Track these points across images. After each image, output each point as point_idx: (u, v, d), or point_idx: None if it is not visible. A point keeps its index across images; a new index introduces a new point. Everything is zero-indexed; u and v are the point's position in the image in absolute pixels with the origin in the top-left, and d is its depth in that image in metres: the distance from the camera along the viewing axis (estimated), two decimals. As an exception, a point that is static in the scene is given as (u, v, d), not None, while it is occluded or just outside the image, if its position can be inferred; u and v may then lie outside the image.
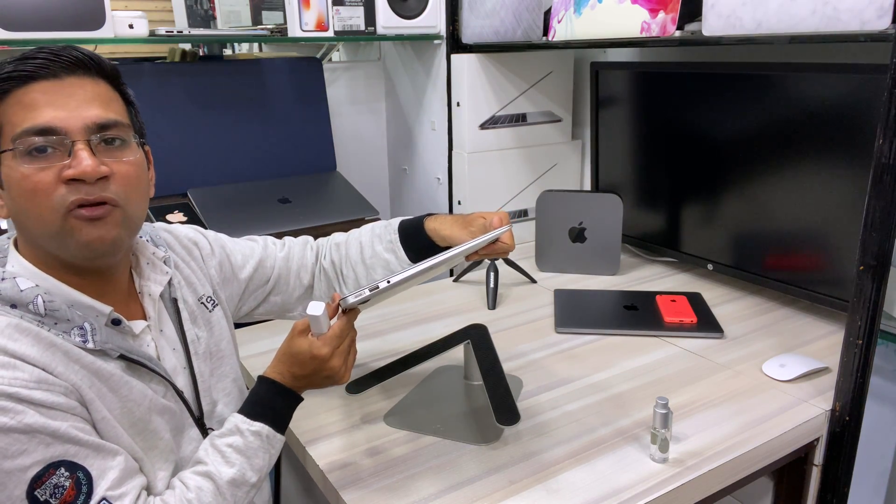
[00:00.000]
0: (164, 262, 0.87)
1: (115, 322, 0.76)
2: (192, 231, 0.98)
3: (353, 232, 1.08)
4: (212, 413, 0.87)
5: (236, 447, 0.77)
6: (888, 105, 0.82)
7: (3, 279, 0.71)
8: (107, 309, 0.75)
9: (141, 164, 0.77)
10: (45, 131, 0.69)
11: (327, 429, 0.97)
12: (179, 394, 0.81)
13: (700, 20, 1.06)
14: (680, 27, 1.11)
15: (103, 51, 1.81)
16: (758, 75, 1.27)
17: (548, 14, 1.41)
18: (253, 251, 1.03)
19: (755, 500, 1.12)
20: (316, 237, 1.11)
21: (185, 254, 0.93)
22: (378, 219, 1.67)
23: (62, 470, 0.65)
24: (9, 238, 0.78)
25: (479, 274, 1.57)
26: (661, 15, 1.12)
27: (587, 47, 1.76)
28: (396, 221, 1.05)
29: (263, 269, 1.03)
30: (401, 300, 1.44)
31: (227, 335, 0.93)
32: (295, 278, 1.05)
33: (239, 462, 0.76)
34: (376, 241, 1.04)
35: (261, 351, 1.21)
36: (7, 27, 1.30)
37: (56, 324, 0.70)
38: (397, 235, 1.02)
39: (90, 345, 0.71)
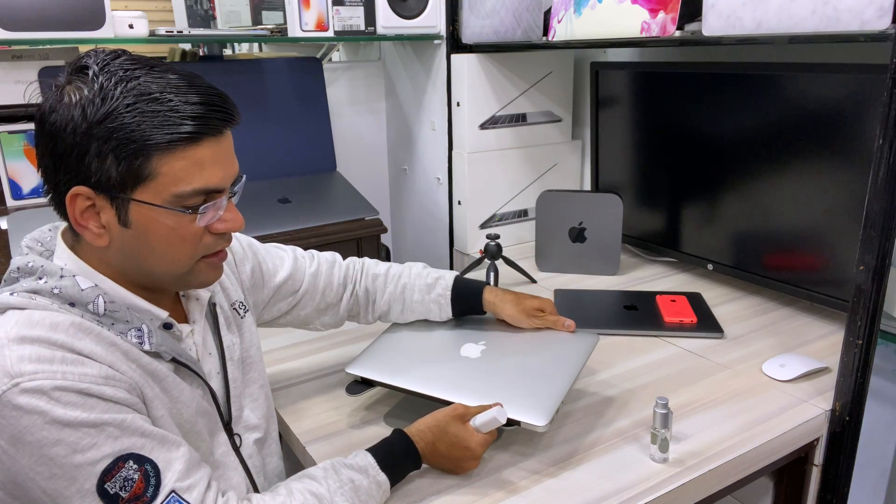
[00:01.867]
0: None
1: (167, 326, 0.78)
2: (245, 248, 0.99)
3: (395, 267, 1.10)
4: (239, 418, 0.87)
5: (357, 486, 0.77)
6: (888, 105, 0.82)
7: (62, 276, 0.70)
8: (163, 314, 0.77)
9: None
10: (212, 192, 0.71)
11: (327, 429, 0.97)
12: (214, 397, 0.82)
13: (700, 20, 1.06)
14: (680, 27, 1.11)
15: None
16: (758, 75, 1.27)
17: (548, 14, 1.41)
18: (283, 261, 1.02)
19: (755, 500, 1.12)
20: (316, 237, 1.11)
21: (227, 264, 0.93)
22: (378, 219, 1.67)
23: (131, 462, 0.65)
24: (50, 230, 0.77)
25: (480, 274, 1.57)
26: (661, 15, 1.12)
27: (587, 47, 1.76)
28: (451, 277, 1.08)
29: (294, 280, 1.02)
30: (401, 300, 1.44)
31: (255, 341, 0.93)
32: (321, 295, 1.05)
33: (352, 500, 0.76)
34: (424, 289, 1.07)
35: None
36: (7, 27, 1.30)
37: (114, 324, 0.71)
38: (449, 293, 1.06)
39: (146, 346, 0.72)
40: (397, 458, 0.82)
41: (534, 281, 1.53)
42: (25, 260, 0.72)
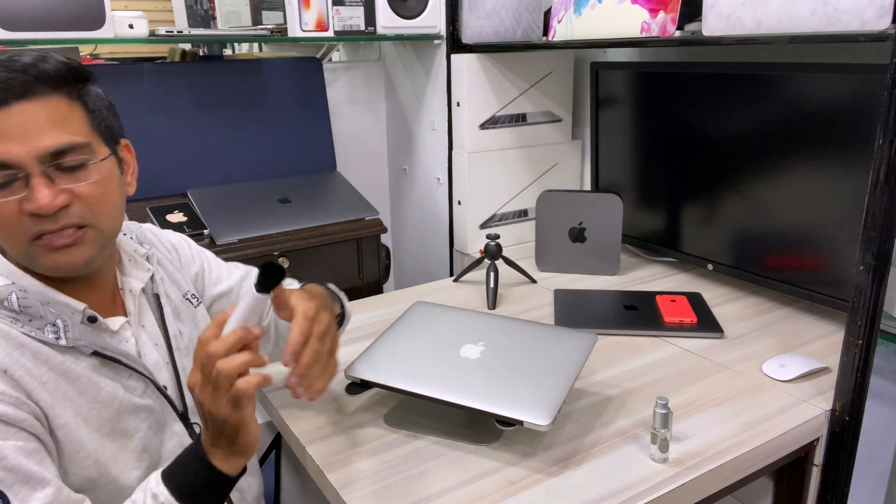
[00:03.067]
0: (147, 259, 0.88)
1: (91, 319, 0.76)
2: (175, 236, 0.99)
3: None
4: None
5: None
6: (888, 105, 0.82)
7: None
8: (80, 306, 0.75)
9: (108, 177, 0.75)
10: (6, 167, 0.67)
11: (327, 429, 0.97)
12: (161, 390, 0.81)
13: (700, 20, 1.06)
14: (680, 27, 1.11)
15: (103, 51, 1.82)
16: (758, 75, 1.27)
17: (548, 14, 1.41)
18: (231, 275, 1.03)
19: (755, 500, 1.12)
20: (316, 237, 1.11)
21: (167, 253, 0.94)
22: (378, 219, 1.67)
23: None
24: None
25: (480, 274, 1.57)
26: (661, 15, 1.12)
27: (587, 47, 1.76)
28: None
29: (234, 296, 1.02)
30: (401, 301, 1.44)
31: None
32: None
33: None
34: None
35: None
36: (7, 27, 1.30)
37: (30, 320, 0.71)
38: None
39: (62, 342, 0.71)
40: (192, 484, 0.71)
41: (534, 281, 1.53)
42: None
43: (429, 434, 0.95)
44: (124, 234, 0.88)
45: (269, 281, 0.69)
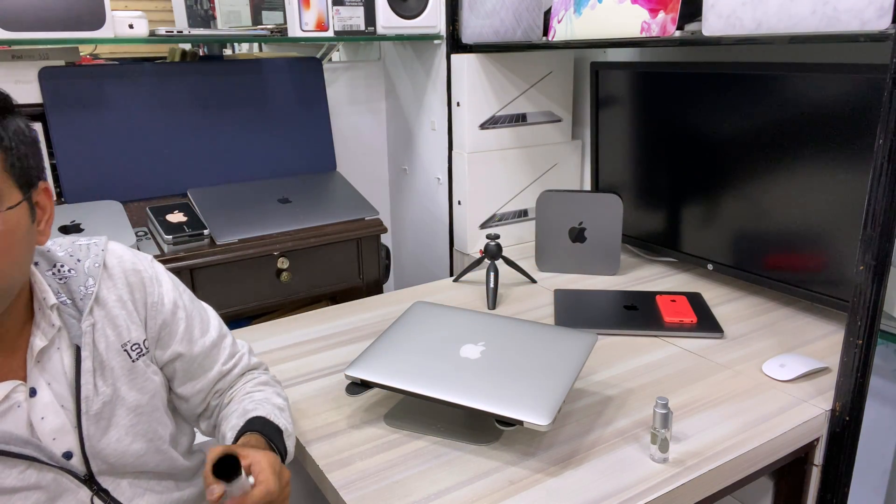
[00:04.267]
0: (58, 309, 0.75)
1: None
2: (154, 270, 0.84)
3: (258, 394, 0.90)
4: (112, 469, 0.78)
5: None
6: (888, 105, 0.82)
7: None
8: None
9: (13, 228, 0.66)
10: None
11: (327, 429, 0.97)
12: (50, 461, 0.72)
13: (700, 20, 1.06)
14: (680, 27, 1.11)
15: (103, 51, 1.82)
16: (758, 75, 1.27)
17: (548, 14, 1.41)
18: (203, 336, 0.87)
19: (755, 500, 1.12)
20: (316, 237, 1.09)
21: (125, 290, 0.80)
22: (378, 219, 1.67)
23: None
24: None
25: (480, 274, 1.57)
26: (661, 15, 1.12)
27: (587, 47, 1.76)
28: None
29: (185, 359, 0.86)
30: (401, 301, 1.44)
31: (153, 389, 0.81)
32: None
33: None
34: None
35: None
36: (7, 27, 1.30)
37: None
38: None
39: None
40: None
41: (534, 281, 1.53)
42: None
43: (429, 434, 0.95)
44: (51, 270, 0.77)
45: (227, 472, 0.67)
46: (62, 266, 0.78)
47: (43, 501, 0.72)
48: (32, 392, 0.72)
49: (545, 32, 1.42)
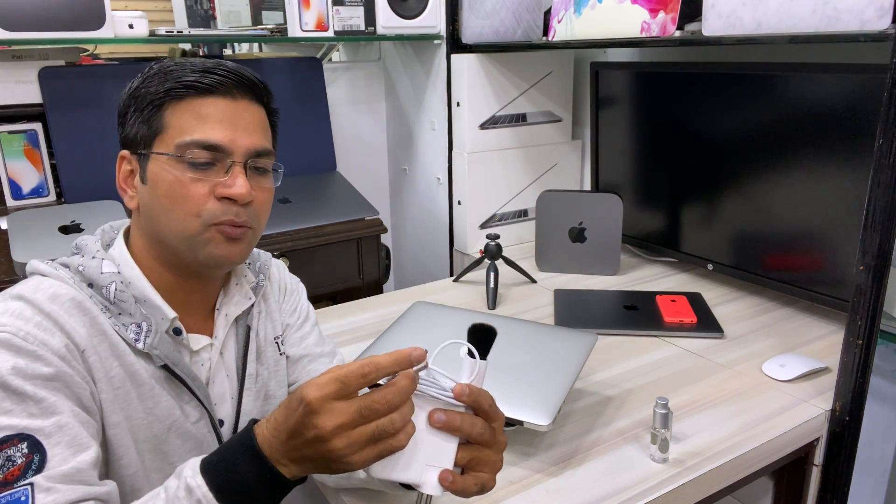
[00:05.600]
0: (253, 289, 0.85)
1: (176, 331, 0.75)
2: (293, 280, 0.94)
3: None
4: None
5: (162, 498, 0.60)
6: (888, 105, 0.82)
7: (93, 257, 0.73)
8: (171, 314, 0.74)
9: (273, 192, 0.80)
10: (213, 147, 0.71)
11: (327, 429, 0.97)
12: (215, 425, 0.78)
13: (700, 20, 1.06)
14: (680, 27, 1.11)
15: (103, 51, 1.82)
16: (758, 75, 1.27)
17: (548, 14, 1.41)
18: (319, 344, 0.93)
19: (755, 500, 1.12)
20: (316, 237, 1.10)
21: (278, 293, 0.91)
22: (378, 219, 1.67)
23: (24, 445, 0.60)
24: (115, 230, 0.79)
25: (480, 274, 1.57)
26: (661, 15, 1.12)
27: (587, 47, 1.76)
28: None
29: (301, 363, 0.91)
30: (401, 301, 1.44)
31: (285, 382, 0.89)
32: None
33: None
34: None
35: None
36: (7, 27, 1.30)
37: (119, 314, 0.71)
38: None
39: (139, 345, 0.71)
40: (225, 454, 0.60)
41: (534, 281, 1.53)
42: (82, 237, 0.76)
43: (429, 434, 0.95)
44: None
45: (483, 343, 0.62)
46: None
47: (188, 453, 0.75)
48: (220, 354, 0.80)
49: (545, 32, 1.42)
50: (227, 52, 2.15)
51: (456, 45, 1.72)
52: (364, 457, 0.56)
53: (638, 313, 1.31)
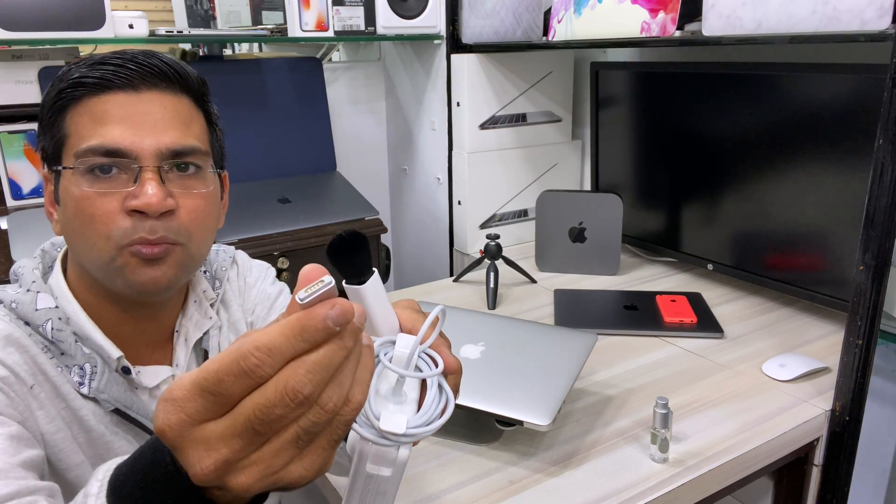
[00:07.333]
0: (213, 306, 0.77)
1: (125, 370, 0.67)
2: (259, 268, 0.87)
3: None
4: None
5: None
6: (888, 105, 0.82)
7: (28, 290, 0.64)
8: (116, 353, 0.65)
9: (213, 196, 0.68)
10: (112, 153, 0.60)
11: (327, 429, 0.97)
12: None
13: (700, 20, 1.06)
14: (680, 27, 1.11)
15: (103, 51, 1.82)
16: (758, 75, 1.27)
17: (548, 14, 1.41)
18: None
19: (755, 500, 1.12)
20: (316, 237, 1.09)
21: (239, 294, 0.83)
22: (378, 219, 1.67)
23: None
24: (57, 249, 0.72)
25: (479, 274, 1.57)
26: (661, 15, 1.12)
27: (587, 47, 1.76)
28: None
29: None
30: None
31: None
32: None
33: None
34: None
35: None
36: (7, 27, 1.30)
37: (62, 354, 0.63)
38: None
39: (84, 389, 0.63)
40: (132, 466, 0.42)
41: (534, 281, 1.53)
42: (21, 264, 0.67)
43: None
44: (202, 269, 0.78)
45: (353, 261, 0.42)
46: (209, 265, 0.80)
47: None
48: None
49: (545, 32, 1.42)
50: (227, 51, 2.15)
51: (456, 45, 1.72)
52: (308, 468, 0.36)
53: (638, 313, 1.31)
